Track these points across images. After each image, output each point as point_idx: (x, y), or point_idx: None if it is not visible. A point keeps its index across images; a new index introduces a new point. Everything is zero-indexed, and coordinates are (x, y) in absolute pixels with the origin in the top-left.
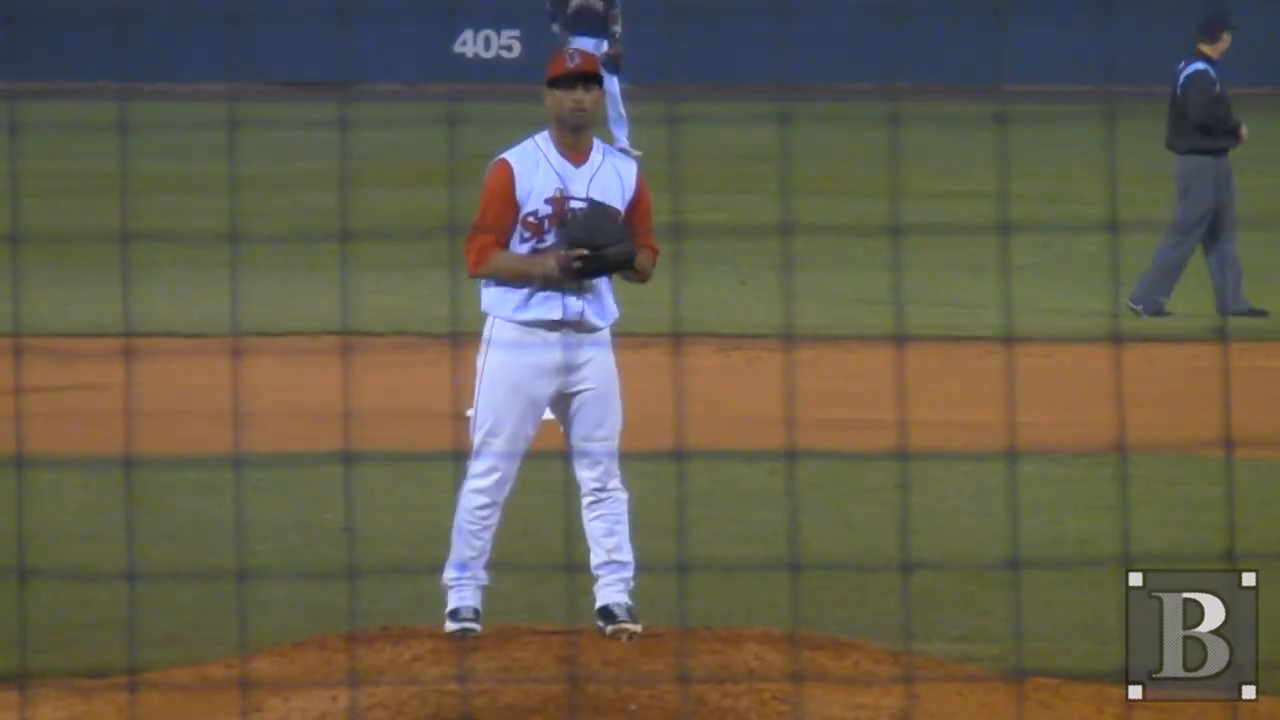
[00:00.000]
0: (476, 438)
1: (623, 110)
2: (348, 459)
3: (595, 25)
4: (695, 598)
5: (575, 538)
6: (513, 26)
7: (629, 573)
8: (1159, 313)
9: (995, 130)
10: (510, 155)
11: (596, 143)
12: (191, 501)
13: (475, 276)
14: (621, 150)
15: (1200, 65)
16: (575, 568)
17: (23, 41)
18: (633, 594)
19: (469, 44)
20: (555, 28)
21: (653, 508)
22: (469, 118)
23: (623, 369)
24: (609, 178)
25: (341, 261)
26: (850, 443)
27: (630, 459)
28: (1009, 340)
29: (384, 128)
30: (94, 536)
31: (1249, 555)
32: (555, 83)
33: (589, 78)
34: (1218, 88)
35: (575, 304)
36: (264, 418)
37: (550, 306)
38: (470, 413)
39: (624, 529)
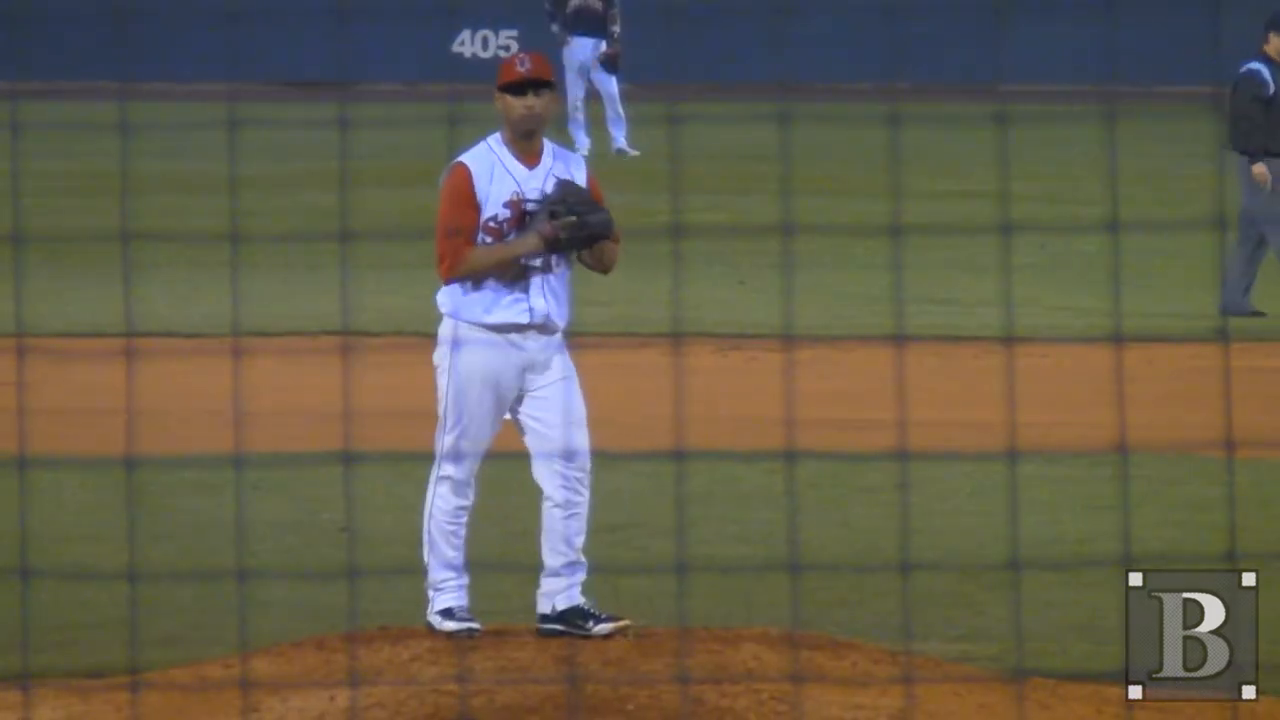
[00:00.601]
0: (447, 440)
1: (621, 110)
2: (347, 459)
3: (594, 25)
4: (694, 598)
5: (528, 537)
6: (510, 26)
7: (584, 573)
8: None
9: (995, 130)
10: (466, 159)
11: (546, 144)
12: (191, 501)
13: (454, 279)
14: (618, 150)
15: (1254, 65)
16: (524, 569)
17: (23, 41)
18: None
19: (467, 44)
20: (554, 27)
21: (653, 508)
22: (467, 118)
23: (622, 369)
24: (562, 178)
25: (341, 261)
26: (850, 443)
27: (630, 459)
28: (1009, 340)
29: (383, 128)
30: (94, 536)
31: (1249, 555)
32: (505, 88)
33: (540, 83)
34: (1270, 89)
35: (541, 307)
36: (263, 418)
37: (519, 310)
38: None
39: (584, 530)
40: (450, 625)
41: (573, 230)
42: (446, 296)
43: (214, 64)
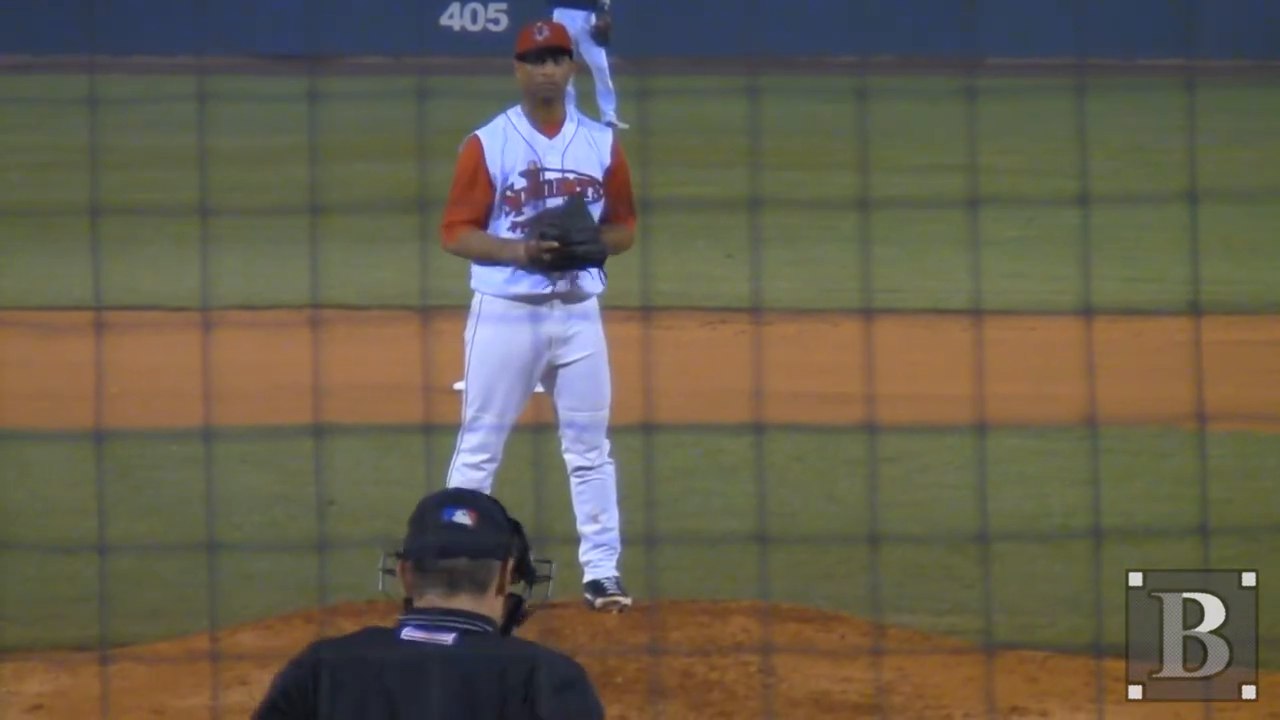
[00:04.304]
0: (468, 413)
1: (610, 83)
2: (319, 432)
3: None
4: (680, 571)
5: (556, 509)
6: (499, 0)
7: (616, 546)
8: None
9: (977, 103)
10: (481, 131)
11: (571, 112)
12: (174, 475)
13: (447, 250)
14: (608, 124)
15: None
16: (553, 539)
17: None
18: (620, 565)
19: (455, 17)
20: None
21: (636, 481)
22: (453, 91)
23: (610, 342)
24: (583, 148)
25: (313, 235)
26: (836, 416)
27: (618, 431)
28: (977, 312)
29: (368, 100)
30: (76, 510)
31: (1231, 529)
32: (524, 56)
33: (558, 50)
34: None
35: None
36: (246, 391)
37: (539, 279)
38: (458, 386)
39: (611, 502)
40: None
41: (555, 255)
42: (473, 270)
43: (198, 36)
